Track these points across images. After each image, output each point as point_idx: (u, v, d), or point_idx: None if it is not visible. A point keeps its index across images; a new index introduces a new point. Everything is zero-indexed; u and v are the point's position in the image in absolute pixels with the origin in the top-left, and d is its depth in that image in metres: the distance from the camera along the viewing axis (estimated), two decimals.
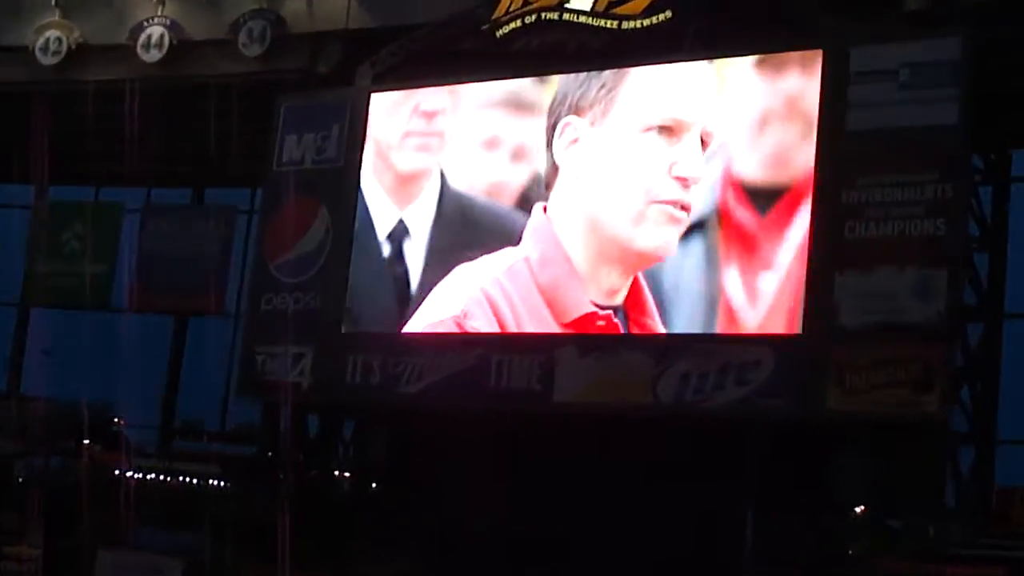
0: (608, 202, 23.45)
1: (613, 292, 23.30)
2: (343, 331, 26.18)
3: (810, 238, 21.95)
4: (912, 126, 21.49)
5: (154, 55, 29.75)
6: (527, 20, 25.05)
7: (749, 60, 23.40)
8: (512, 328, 23.90)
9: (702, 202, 22.88)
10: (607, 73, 24.02)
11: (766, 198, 22.61)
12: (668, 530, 22.96)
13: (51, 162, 32.22)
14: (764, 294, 22.37)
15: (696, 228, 22.96)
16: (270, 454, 28.37)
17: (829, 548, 22.42)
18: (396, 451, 27.39)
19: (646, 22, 23.95)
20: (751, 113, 23.05)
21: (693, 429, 22.88)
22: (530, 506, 24.14)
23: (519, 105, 25.21)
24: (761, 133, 22.90)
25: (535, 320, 23.78)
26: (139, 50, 29.82)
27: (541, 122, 24.50)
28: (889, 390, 20.85)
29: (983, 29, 21.50)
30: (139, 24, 30.01)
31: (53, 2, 30.84)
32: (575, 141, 23.46)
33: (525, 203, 24.55)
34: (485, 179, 25.46)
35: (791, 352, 21.79)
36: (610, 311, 23.17)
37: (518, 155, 25.00)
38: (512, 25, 25.13)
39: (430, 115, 26.29)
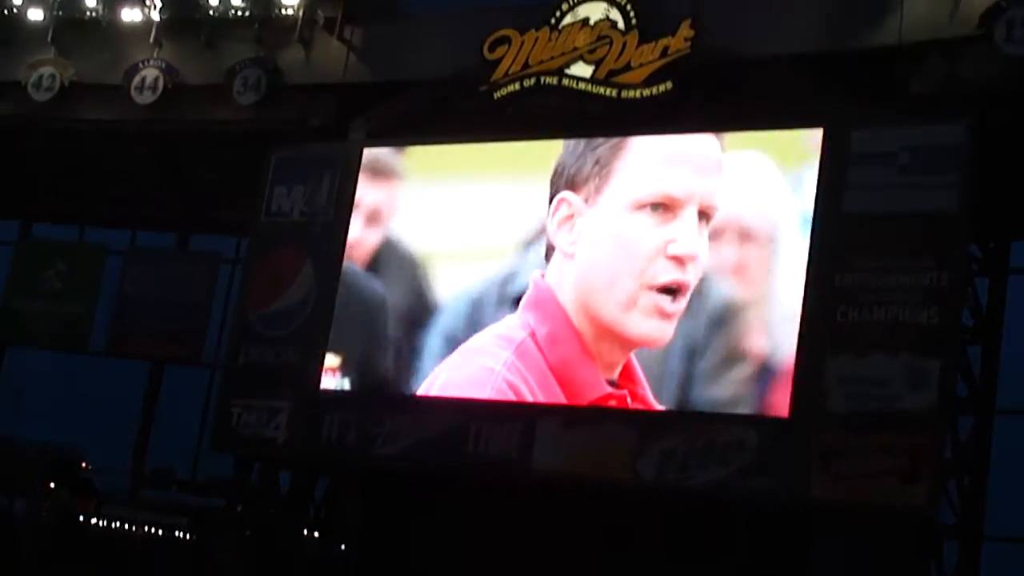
0: (600, 285, 21.95)
1: (613, 366, 22.09)
2: (321, 387, 25.71)
3: (802, 320, 21.60)
4: (911, 211, 21.17)
5: (147, 97, 29.51)
6: (526, 83, 24.90)
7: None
8: None
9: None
10: (602, 148, 22.83)
11: None
12: None
13: (37, 199, 32.14)
14: None
15: None
16: (239, 508, 27.99)
17: None
18: (368, 512, 27.00)
19: (646, 92, 23.83)
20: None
21: (673, 508, 22.58)
22: (505, 573, 23.81)
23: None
24: None
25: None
26: (133, 91, 29.60)
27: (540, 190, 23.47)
28: (876, 479, 20.43)
29: (988, 115, 21.23)
30: (134, 65, 29.80)
31: (49, 39, 30.64)
32: (569, 218, 22.42)
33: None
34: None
35: (777, 434, 21.40)
36: (625, 391, 22.00)
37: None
38: (510, 88, 24.96)
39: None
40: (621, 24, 24.16)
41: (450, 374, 23.10)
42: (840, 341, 21.23)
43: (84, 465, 31.84)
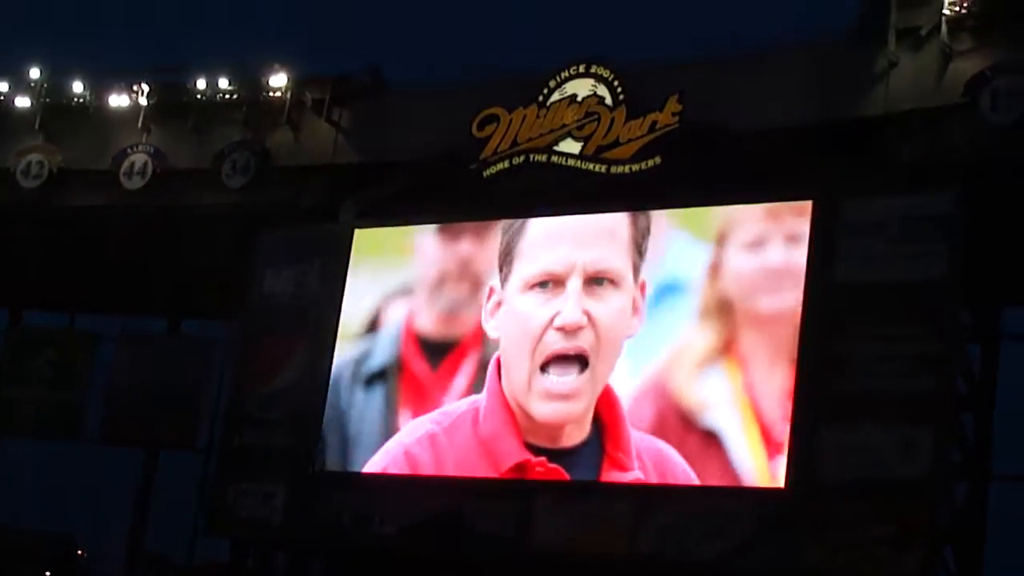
0: (509, 366, 23.55)
1: (558, 436, 23.11)
2: (318, 469, 25.65)
3: (794, 389, 21.63)
4: (901, 280, 21.27)
5: (136, 182, 29.59)
6: (515, 161, 24.98)
7: None
8: None
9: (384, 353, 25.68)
10: (511, 232, 24.44)
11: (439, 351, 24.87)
12: None
13: (27, 286, 32.08)
14: None
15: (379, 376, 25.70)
16: None
17: None
18: None
19: (635, 167, 23.89)
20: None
21: None
22: None
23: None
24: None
25: (472, 472, 23.61)
26: (122, 177, 29.69)
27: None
28: (870, 548, 20.42)
29: (975, 183, 21.35)
30: (123, 151, 29.91)
31: (36, 125, 30.70)
32: (497, 305, 23.87)
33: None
34: None
35: (773, 506, 21.38)
36: (544, 456, 22.95)
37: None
38: (500, 166, 25.05)
39: None
40: (609, 100, 24.29)
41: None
42: (833, 410, 21.24)
43: (80, 552, 31.66)
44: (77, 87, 30.57)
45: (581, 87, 24.64)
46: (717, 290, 22.78)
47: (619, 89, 24.26)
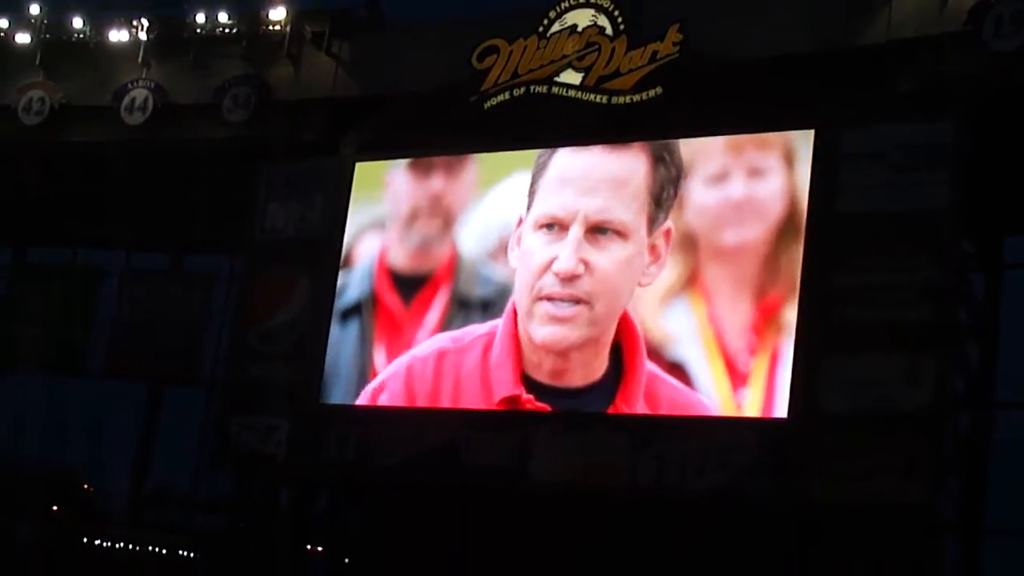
0: (517, 297, 23.65)
1: (552, 370, 23.21)
2: (320, 403, 25.70)
3: (797, 320, 21.59)
4: (903, 209, 21.19)
5: (137, 118, 29.45)
6: (515, 93, 24.83)
7: None
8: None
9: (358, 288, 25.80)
10: (536, 166, 24.25)
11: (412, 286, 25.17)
12: None
13: (30, 223, 32.10)
14: None
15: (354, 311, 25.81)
16: (241, 526, 27.93)
17: None
18: (370, 525, 26.97)
19: (636, 98, 23.77)
20: None
21: (670, 512, 22.58)
22: None
23: None
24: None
25: (467, 397, 23.78)
26: (123, 112, 29.53)
27: None
28: (875, 478, 20.42)
29: (978, 111, 21.24)
30: (123, 86, 29.75)
31: (37, 62, 30.60)
32: (519, 240, 23.87)
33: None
34: None
35: (775, 436, 21.39)
36: (533, 395, 23.11)
37: None
38: (500, 97, 24.90)
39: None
40: (609, 30, 24.12)
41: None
42: (836, 341, 21.21)
43: (86, 487, 31.79)
44: (77, 23, 30.35)
45: (581, 17, 24.44)
46: (681, 224, 22.75)
47: (619, 19, 24.06)
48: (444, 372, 24.06)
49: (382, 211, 26.14)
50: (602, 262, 22.89)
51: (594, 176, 23.67)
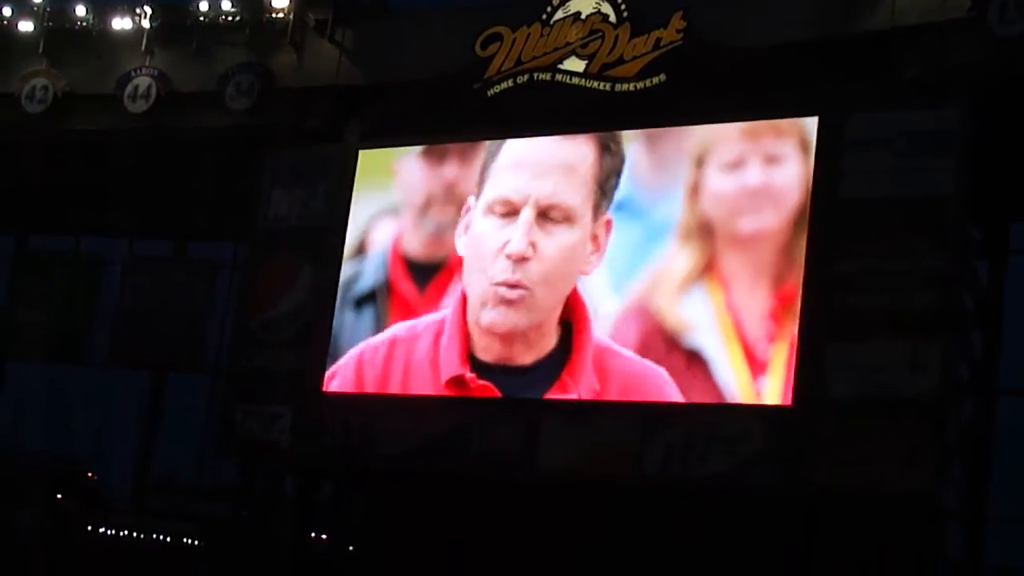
0: (468, 282, 24.02)
1: (508, 355, 23.56)
2: (324, 390, 25.67)
3: (801, 307, 21.57)
4: (907, 196, 21.13)
5: (140, 106, 29.48)
6: (519, 80, 24.81)
7: None
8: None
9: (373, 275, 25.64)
10: (487, 152, 24.71)
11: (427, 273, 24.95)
12: None
13: (33, 211, 32.09)
14: None
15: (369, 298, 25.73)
16: (245, 514, 27.95)
17: None
18: (374, 513, 26.97)
19: (639, 85, 23.73)
20: None
21: (676, 500, 22.54)
22: (511, 571, 23.79)
23: None
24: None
25: (416, 383, 24.18)
26: (126, 100, 29.57)
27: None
28: (878, 465, 20.39)
29: (982, 97, 21.21)
30: (126, 74, 29.77)
31: (40, 50, 30.58)
32: (468, 226, 24.17)
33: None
34: None
35: (780, 424, 21.37)
36: (475, 374, 23.56)
37: None
38: (504, 85, 24.87)
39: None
40: (613, 17, 24.08)
41: None
42: (839, 327, 21.19)
43: (90, 475, 31.83)
44: (80, 11, 30.36)
45: (584, 5, 24.38)
46: (697, 211, 22.72)
47: (623, 6, 24.00)
48: (395, 358, 24.50)
49: (395, 198, 26.10)
50: (548, 247, 23.28)
51: (546, 161, 24.05)
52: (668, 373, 22.24)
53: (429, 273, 24.98)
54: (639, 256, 23.07)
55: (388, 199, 26.15)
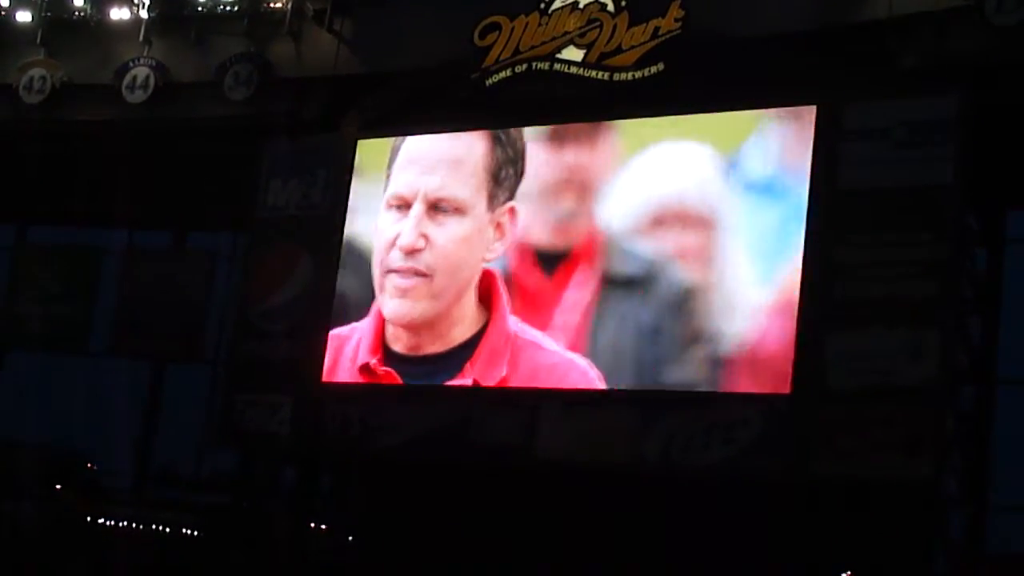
0: (374, 277, 25.18)
1: (417, 345, 24.49)
2: (323, 380, 25.69)
3: (800, 296, 21.60)
4: (906, 185, 21.20)
5: (139, 96, 29.42)
6: (517, 70, 24.80)
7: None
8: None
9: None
10: (393, 148, 25.76)
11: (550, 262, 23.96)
12: None
13: (32, 202, 32.07)
14: None
15: None
16: (246, 504, 27.98)
17: None
18: (374, 504, 26.99)
19: (638, 74, 23.74)
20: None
21: (675, 487, 22.62)
22: (512, 561, 23.85)
23: None
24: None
25: (341, 372, 25.45)
26: (124, 91, 29.51)
27: None
28: (878, 453, 20.47)
29: (980, 87, 21.22)
30: (124, 64, 29.71)
31: (38, 40, 30.55)
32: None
33: None
34: None
35: (780, 412, 21.41)
36: (378, 361, 24.73)
37: None
38: (502, 74, 24.87)
39: None
40: (611, 6, 24.08)
41: None
42: (839, 316, 21.24)
43: (89, 465, 31.83)
44: (78, 0, 30.28)
45: None
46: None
47: None
48: (327, 353, 25.60)
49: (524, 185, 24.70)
50: (441, 237, 24.30)
51: (433, 156, 25.08)
52: None
53: (553, 262, 23.91)
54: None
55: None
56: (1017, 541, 22.73)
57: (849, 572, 22.37)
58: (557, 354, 23.14)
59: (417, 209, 24.45)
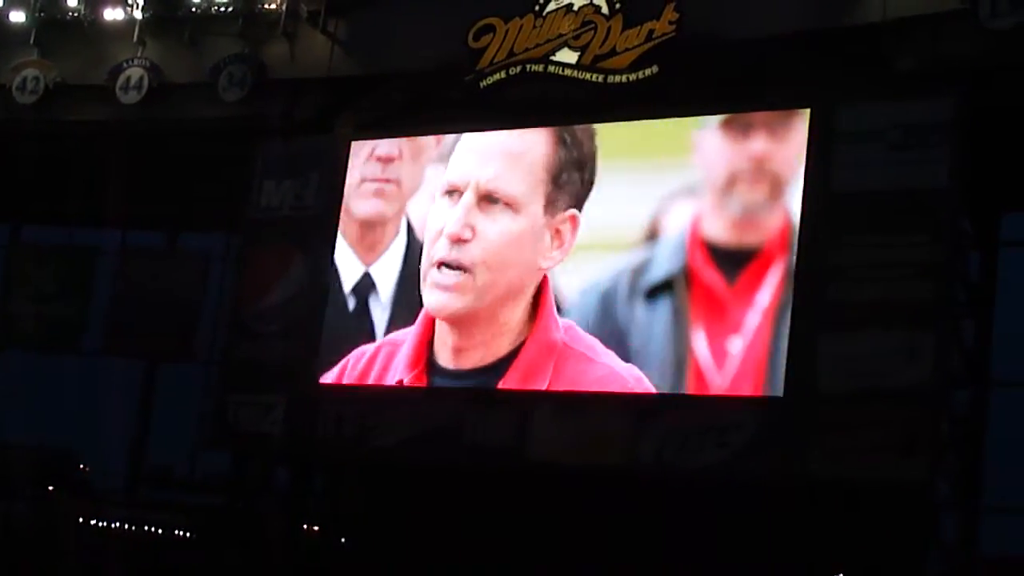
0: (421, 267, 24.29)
1: (454, 348, 23.91)
2: (317, 382, 25.67)
3: (795, 299, 21.63)
4: (901, 188, 21.23)
5: (133, 97, 29.41)
6: (511, 72, 24.83)
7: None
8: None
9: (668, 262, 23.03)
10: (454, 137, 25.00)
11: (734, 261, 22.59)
12: None
13: (25, 202, 32.05)
14: (732, 357, 22.20)
15: (664, 288, 23.00)
16: (238, 505, 27.97)
17: None
18: (368, 505, 26.99)
19: (632, 76, 23.77)
20: None
21: (668, 490, 22.66)
22: (505, 563, 23.87)
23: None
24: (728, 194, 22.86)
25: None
26: (118, 91, 29.49)
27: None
28: (873, 454, 20.50)
29: (975, 90, 21.26)
30: (118, 65, 29.69)
31: (31, 40, 30.53)
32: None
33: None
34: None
35: (773, 414, 21.44)
36: (411, 376, 24.08)
37: None
38: (496, 76, 24.90)
39: (385, 160, 26.32)
40: (605, 9, 24.11)
41: None
42: (833, 318, 21.27)
43: (82, 466, 31.81)
44: (72, 1, 30.21)
45: None
46: None
47: None
48: (375, 362, 24.80)
49: (692, 177, 23.46)
50: (489, 230, 23.33)
51: (492, 148, 24.28)
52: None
53: (739, 261, 22.46)
54: None
55: (685, 177, 23.64)
56: (1011, 543, 22.77)
57: (841, 574, 22.36)
58: (606, 366, 22.65)
59: (468, 198, 23.40)
